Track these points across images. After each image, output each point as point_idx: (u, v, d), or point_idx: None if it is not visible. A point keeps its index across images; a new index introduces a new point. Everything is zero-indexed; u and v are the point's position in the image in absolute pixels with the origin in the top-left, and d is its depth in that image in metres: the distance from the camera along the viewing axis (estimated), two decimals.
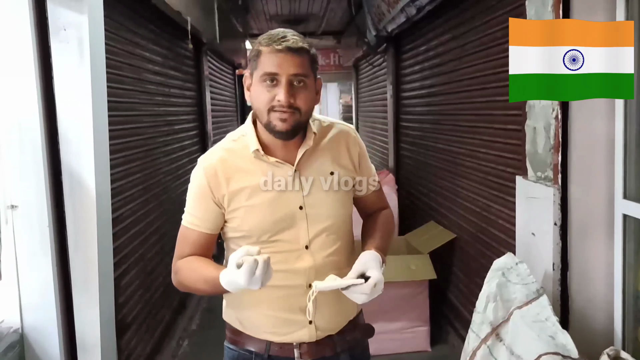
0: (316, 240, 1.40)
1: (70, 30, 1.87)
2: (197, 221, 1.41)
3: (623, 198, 1.77)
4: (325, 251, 1.41)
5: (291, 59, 1.30)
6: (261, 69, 1.32)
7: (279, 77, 1.30)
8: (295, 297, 1.39)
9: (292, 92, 1.31)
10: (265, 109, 1.32)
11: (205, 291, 1.39)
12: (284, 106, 1.30)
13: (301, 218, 1.39)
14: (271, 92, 1.31)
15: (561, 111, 1.86)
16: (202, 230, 1.41)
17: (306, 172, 1.40)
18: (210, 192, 1.38)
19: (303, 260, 1.39)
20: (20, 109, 1.84)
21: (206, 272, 1.34)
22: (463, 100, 3.35)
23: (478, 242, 3.11)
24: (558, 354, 1.58)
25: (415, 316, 3.41)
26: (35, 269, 1.88)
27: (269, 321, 1.43)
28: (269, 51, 1.31)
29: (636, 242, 1.77)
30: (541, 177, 2.01)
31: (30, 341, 1.91)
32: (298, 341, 1.43)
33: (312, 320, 1.41)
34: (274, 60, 1.30)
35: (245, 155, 1.39)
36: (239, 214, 1.38)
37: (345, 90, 11.62)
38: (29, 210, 1.87)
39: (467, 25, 3.23)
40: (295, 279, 1.39)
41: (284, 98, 1.30)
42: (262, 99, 1.32)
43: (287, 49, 1.30)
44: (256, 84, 1.34)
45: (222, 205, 1.39)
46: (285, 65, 1.30)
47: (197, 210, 1.41)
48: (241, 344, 1.47)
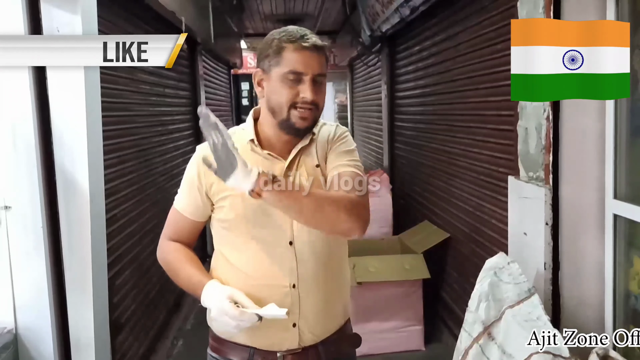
0: (301, 237, 1.38)
1: (64, 30, 1.86)
2: (185, 206, 1.44)
3: (613, 198, 1.78)
4: (310, 250, 1.39)
5: (317, 57, 1.32)
6: (285, 66, 1.31)
7: (304, 75, 1.31)
8: (278, 297, 1.35)
9: (315, 89, 1.33)
10: (287, 106, 1.32)
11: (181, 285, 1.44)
12: (308, 102, 1.31)
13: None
14: (294, 89, 1.31)
15: (552, 112, 1.87)
16: (187, 216, 1.44)
17: (297, 168, 1.41)
18: (199, 181, 1.39)
19: (286, 257, 1.38)
20: (14, 109, 1.84)
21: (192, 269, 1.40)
22: (457, 100, 3.36)
23: (471, 242, 3.13)
24: (549, 353, 1.60)
25: (409, 315, 3.42)
26: (29, 269, 1.88)
27: None
28: (295, 48, 1.31)
29: (626, 242, 1.78)
30: (533, 177, 2.02)
31: (24, 341, 1.91)
32: (281, 347, 1.40)
33: (297, 323, 1.39)
34: (300, 58, 1.31)
35: (240, 146, 1.38)
36: (226, 203, 1.38)
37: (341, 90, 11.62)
38: (22, 211, 1.86)
39: (460, 25, 3.25)
40: (278, 278, 1.37)
41: (309, 95, 1.31)
42: (284, 95, 1.32)
43: (314, 47, 1.31)
44: (276, 81, 1.33)
45: (208, 196, 1.40)
46: (311, 63, 1.31)
47: (186, 197, 1.44)
48: (224, 353, 1.45)
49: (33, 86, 1.85)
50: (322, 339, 1.43)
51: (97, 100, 2.03)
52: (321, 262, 1.41)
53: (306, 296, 1.38)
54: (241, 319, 1.27)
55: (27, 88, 1.83)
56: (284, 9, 7.36)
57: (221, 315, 1.29)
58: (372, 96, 6.57)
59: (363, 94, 7.53)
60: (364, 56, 6.87)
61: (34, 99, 1.85)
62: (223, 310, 1.28)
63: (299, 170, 1.40)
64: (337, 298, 1.47)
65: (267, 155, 1.39)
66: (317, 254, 1.39)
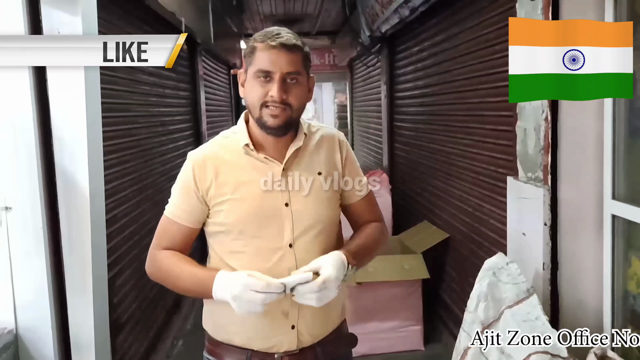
0: (301, 240, 1.39)
1: (64, 31, 1.87)
2: (179, 213, 1.41)
3: (612, 199, 1.79)
4: (309, 251, 1.38)
5: (285, 56, 1.32)
6: (255, 65, 1.34)
7: (273, 74, 1.32)
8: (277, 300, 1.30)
9: (285, 88, 1.33)
10: (258, 105, 1.34)
11: (183, 287, 1.41)
12: (277, 102, 1.32)
13: (286, 215, 1.38)
14: (264, 88, 1.33)
15: (551, 112, 1.88)
16: (182, 223, 1.42)
17: (294, 171, 1.41)
18: (195, 186, 1.39)
19: (286, 259, 1.38)
20: (14, 110, 1.84)
21: (194, 267, 1.38)
22: (456, 100, 3.37)
23: (470, 242, 3.13)
24: (548, 352, 1.60)
25: (408, 315, 3.43)
26: (29, 269, 1.89)
27: (250, 325, 1.38)
28: (263, 48, 1.33)
29: (625, 242, 1.79)
30: (531, 178, 2.03)
31: (24, 342, 1.91)
32: (279, 349, 1.40)
33: (295, 325, 1.39)
34: (268, 57, 1.32)
35: (235, 150, 1.40)
36: (224, 207, 1.38)
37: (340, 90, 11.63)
38: (23, 212, 1.87)
39: (459, 26, 3.25)
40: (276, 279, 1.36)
41: (276, 94, 1.32)
42: (255, 94, 1.34)
43: (281, 45, 1.32)
44: (250, 80, 1.36)
45: (205, 200, 1.39)
46: (278, 62, 1.32)
47: (181, 203, 1.41)
48: (220, 356, 1.44)
49: (33, 86, 1.85)
50: (319, 339, 1.44)
51: (97, 101, 2.04)
52: None
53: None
54: (268, 290, 1.24)
55: (28, 88, 1.83)
56: (283, 10, 7.36)
57: (246, 292, 1.24)
58: (372, 96, 6.57)
59: (363, 94, 7.54)
60: (363, 56, 6.88)
61: (34, 99, 1.85)
62: (248, 285, 1.24)
63: (296, 171, 1.41)
64: (335, 299, 1.47)
65: (263, 159, 1.40)
66: (316, 255, 1.39)
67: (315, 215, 1.41)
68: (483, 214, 2.92)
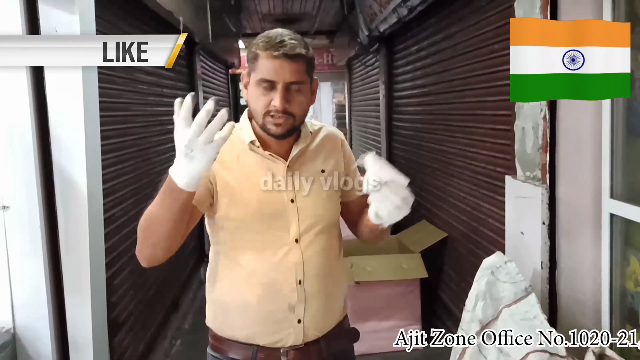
0: (306, 236, 1.39)
1: (62, 31, 1.87)
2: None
3: (610, 197, 1.79)
4: (314, 248, 1.40)
5: (288, 65, 1.30)
6: (258, 73, 1.32)
7: (275, 83, 1.31)
8: (285, 294, 1.37)
9: (288, 97, 1.32)
10: (261, 113, 1.33)
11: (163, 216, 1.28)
12: (279, 111, 1.31)
13: (292, 211, 1.38)
14: (267, 97, 1.32)
15: (549, 112, 1.88)
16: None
17: (299, 169, 1.41)
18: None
19: (292, 254, 1.38)
20: (12, 109, 1.84)
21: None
22: (454, 100, 3.37)
23: (469, 241, 3.14)
24: (546, 351, 1.60)
25: (407, 315, 3.43)
26: (26, 269, 1.89)
27: (256, 319, 1.39)
28: (266, 56, 1.31)
29: (623, 241, 1.79)
30: (530, 177, 2.03)
31: (22, 341, 1.91)
32: (285, 344, 1.40)
33: (302, 319, 1.40)
34: (271, 66, 1.30)
35: (240, 145, 1.40)
36: (228, 201, 1.37)
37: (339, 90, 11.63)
38: (20, 211, 1.87)
39: (458, 25, 3.26)
40: (285, 275, 1.37)
41: (279, 104, 1.30)
42: (259, 102, 1.33)
43: (284, 55, 1.30)
44: (253, 86, 1.35)
45: (210, 181, 1.35)
46: (281, 72, 1.30)
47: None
48: (225, 352, 1.44)
49: (31, 86, 1.85)
50: (324, 333, 1.45)
51: (95, 100, 2.04)
52: (325, 258, 1.42)
53: (311, 292, 1.39)
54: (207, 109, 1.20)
55: (25, 88, 1.83)
56: (281, 9, 7.36)
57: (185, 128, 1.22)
58: (370, 96, 6.57)
59: (361, 93, 7.54)
60: (361, 56, 6.88)
61: (31, 99, 1.85)
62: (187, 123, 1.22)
63: (298, 171, 1.41)
64: (338, 293, 1.50)
65: (268, 156, 1.40)
66: (321, 250, 1.41)
67: (319, 213, 1.41)
68: (481, 213, 2.93)
